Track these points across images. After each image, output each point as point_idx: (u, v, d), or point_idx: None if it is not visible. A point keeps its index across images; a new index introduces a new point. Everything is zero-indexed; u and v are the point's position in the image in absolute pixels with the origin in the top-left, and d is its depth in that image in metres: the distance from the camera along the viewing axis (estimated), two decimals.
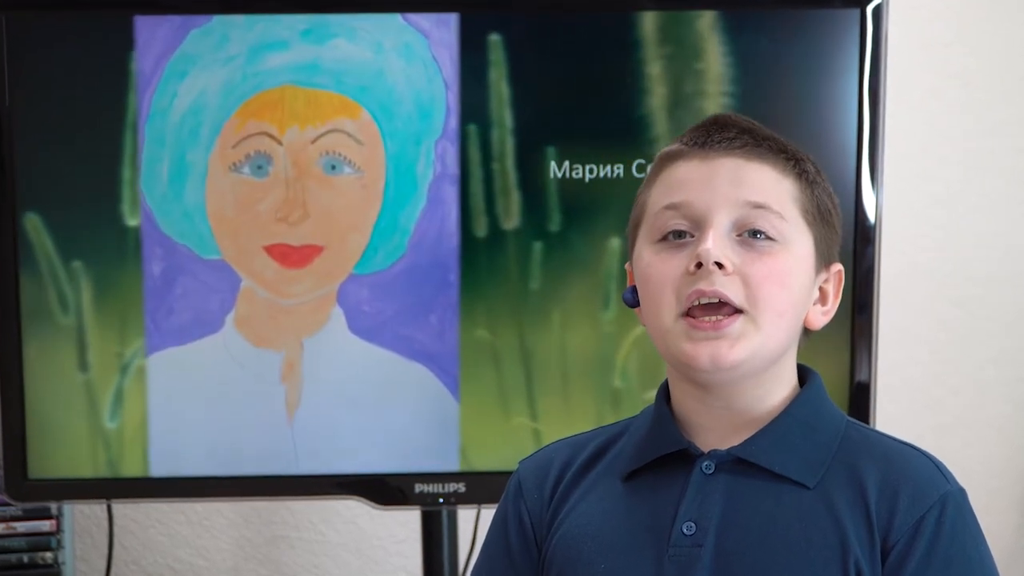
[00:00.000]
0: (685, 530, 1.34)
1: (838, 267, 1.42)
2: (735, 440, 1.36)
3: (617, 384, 2.13)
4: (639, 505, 1.38)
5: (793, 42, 2.08)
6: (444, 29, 2.10)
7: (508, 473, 1.55)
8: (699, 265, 1.32)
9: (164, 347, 2.15)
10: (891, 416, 2.51)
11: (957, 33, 2.60)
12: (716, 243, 1.32)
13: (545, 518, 1.45)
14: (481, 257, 2.13)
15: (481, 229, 2.13)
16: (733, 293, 1.32)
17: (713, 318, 1.31)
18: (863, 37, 2.08)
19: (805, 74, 2.09)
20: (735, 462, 1.35)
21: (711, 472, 1.36)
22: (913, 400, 2.64)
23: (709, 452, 1.36)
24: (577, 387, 2.13)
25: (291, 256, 2.13)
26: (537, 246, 2.12)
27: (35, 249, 2.14)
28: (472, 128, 2.11)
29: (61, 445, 2.15)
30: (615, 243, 2.11)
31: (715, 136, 1.38)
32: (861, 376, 2.11)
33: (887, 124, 2.11)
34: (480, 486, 2.16)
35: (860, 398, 2.11)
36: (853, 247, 2.07)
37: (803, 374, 1.43)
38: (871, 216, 2.08)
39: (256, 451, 2.17)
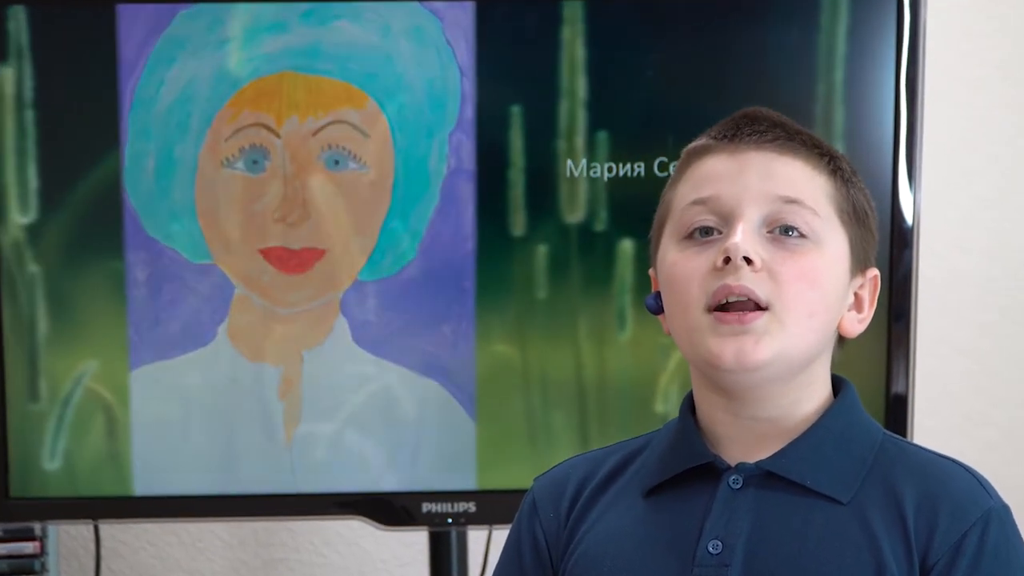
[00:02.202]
0: (711, 548, 1.30)
1: (874, 272, 1.39)
2: (763, 453, 1.33)
3: (652, 404, 2.09)
4: (662, 522, 1.35)
5: (825, 31, 2.03)
6: (459, 10, 2.03)
7: (520, 492, 1.51)
8: (727, 261, 1.29)
9: (149, 361, 2.09)
10: (930, 430, 2.44)
11: (1001, 22, 2.54)
12: (745, 237, 1.29)
13: (562, 538, 1.41)
14: (500, 262, 2.07)
15: (502, 231, 2.07)
16: (761, 290, 1.29)
17: (739, 312, 1.29)
18: (900, 25, 2.04)
19: (838, 65, 2.04)
20: (764, 476, 1.32)
21: (739, 487, 1.32)
22: (953, 413, 2.58)
23: (736, 466, 1.33)
24: (610, 404, 2.09)
25: (290, 260, 2.06)
26: (566, 250, 2.07)
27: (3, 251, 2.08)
28: (496, 116, 2.05)
29: (44, 462, 2.11)
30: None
31: (744, 129, 1.35)
32: (898, 388, 2.08)
33: (925, 119, 2.08)
34: (492, 506, 2.12)
35: (897, 411, 2.08)
36: (889, 251, 2.04)
37: (836, 384, 1.39)
38: (908, 218, 2.05)
39: (249, 476, 2.11)
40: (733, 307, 1.29)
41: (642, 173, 2.04)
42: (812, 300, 1.30)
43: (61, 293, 2.08)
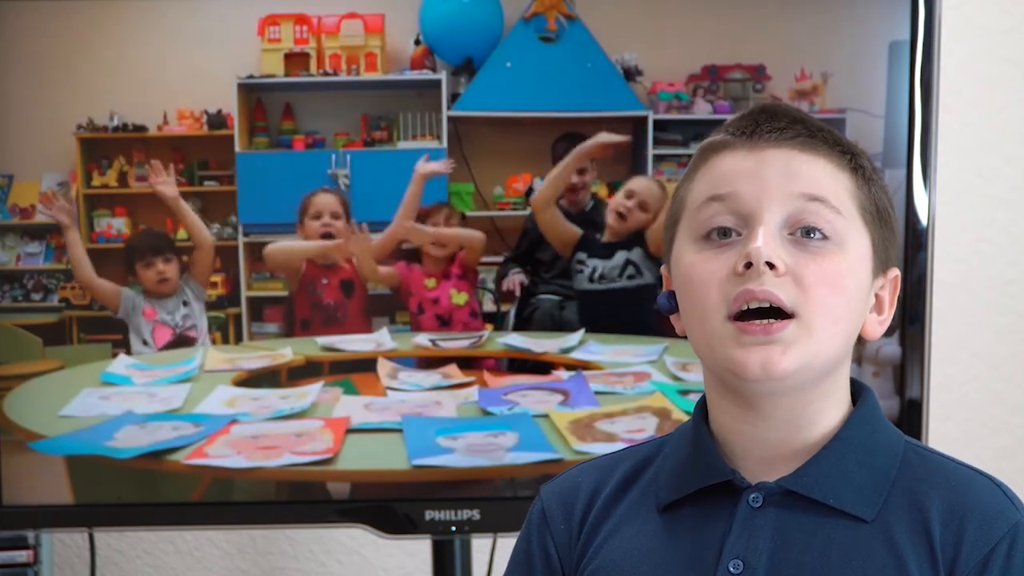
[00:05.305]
0: (732, 568, 1.26)
1: (895, 272, 1.35)
2: (783, 468, 1.29)
3: None
4: (680, 540, 1.31)
5: (838, 29, 2.05)
6: None
7: (525, 499, 1.49)
8: (748, 265, 1.25)
9: None
10: (945, 437, 2.43)
11: (1018, 20, 2.52)
12: (767, 241, 1.25)
13: (574, 549, 1.37)
14: None
15: None
16: (785, 295, 1.24)
17: (764, 321, 1.25)
18: (915, 22, 2.03)
19: (851, 63, 2.05)
20: (785, 494, 1.28)
21: (758, 505, 1.28)
22: (969, 419, 2.56)
23: (756, 484, 1.29)
24: None
25: None
26: None
27: None
28: None
29: (39, 468, 2.12)
30: None
31: (764, 126, 1.30)
32: (912, 393, 2.07)
33: (941, 118, 2.06)
34: (496, 513, 2.11)
35: (912, 417, 2.07)
36: (904, 253, 2.03)
37: (855, 389, 1.36)
38: (923, 219, 2.04)
39: None
40: (755, 314, 1.25)
41: None
42: (837, 305, 1.26)
43: None
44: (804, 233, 1.26)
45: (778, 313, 1.24)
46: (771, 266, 1.23)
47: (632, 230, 2.13)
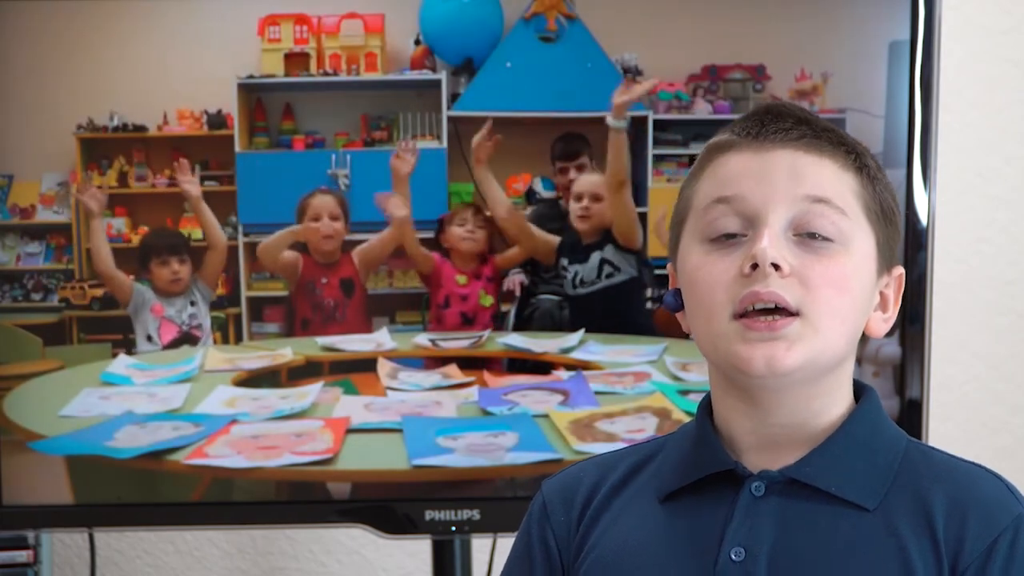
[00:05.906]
0: (734, 556, 1.27)
1: (900, 270, 1.36)
2: (785, 459, 1.29)
3: None
4: (681, 528, 1.32)
5: (838, 29, 2.04)
6: None
7: (525, 499, 1.46)
8: (754, 267, 1.26)
9: None
10: (945, 436, 2.41)
11: (1017, 19, 2.51)
12: (772, 242, 1.26)
13: (573, 542, 1.37)
14: None
15: None
16: (790, 296, 1.25)
17: (769, 318, 1.26)
18: (915, 22, 2.03)
19: (851, 63, 2.05)
20: (787, 483, 1.29)
21: (761, 494, 1.29)
22: (969, 419, 2.56)
23: (759, 473, 1.29)
24: None
25: None
26: None
27: None
28: None
29: (39, 468, 2.12)
30: None
31: (770, 127, 1.31)
32: (912, 393, 2.07)
33: (941, 118, 2.06)
34: (496, 513, 2.11)
35: (912, 416, 2.07)
36: (904, 253, 2.02)
37: (857, 389, 1.36)
38: (923, 219, 2.04)
39: None
40: (761, 313, 1.26)
41: None
42: (843, 305, 1.27)
43: None
44: (809, 235, 1.26)
45: (783, 313, 1.25)
46: (776, 267, 1.24)
47: (600, 226, 2.13)
